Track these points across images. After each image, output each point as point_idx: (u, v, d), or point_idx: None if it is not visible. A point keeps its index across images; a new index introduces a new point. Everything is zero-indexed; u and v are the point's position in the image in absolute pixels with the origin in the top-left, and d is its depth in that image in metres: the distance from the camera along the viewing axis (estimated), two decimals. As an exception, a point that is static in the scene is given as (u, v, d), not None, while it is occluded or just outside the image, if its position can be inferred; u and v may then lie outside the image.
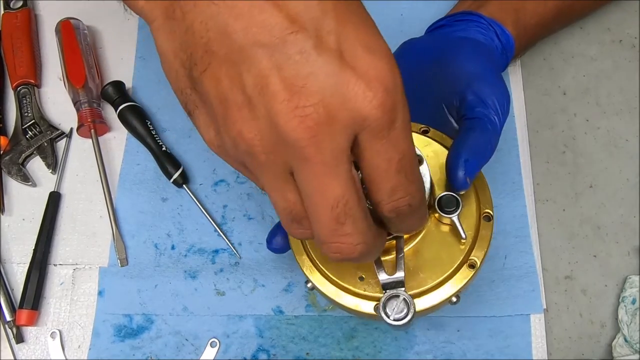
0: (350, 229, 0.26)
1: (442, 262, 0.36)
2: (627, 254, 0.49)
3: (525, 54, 0.55)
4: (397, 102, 0.25)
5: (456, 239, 0.36)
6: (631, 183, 0.51)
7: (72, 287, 0.49)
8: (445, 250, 0.36)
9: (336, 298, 0.36)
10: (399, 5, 0.58)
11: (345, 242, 0.27)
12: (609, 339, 0.46)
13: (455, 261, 0.36)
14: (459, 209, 0.36)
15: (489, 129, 0.38)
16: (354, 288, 0.36)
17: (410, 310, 0.33)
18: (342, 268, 0.36)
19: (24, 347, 0.47)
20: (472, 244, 0.36)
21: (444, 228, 0.37)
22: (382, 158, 0.26)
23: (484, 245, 0.36)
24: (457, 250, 0.36)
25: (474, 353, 0.46)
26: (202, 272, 0.49)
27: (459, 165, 0.36)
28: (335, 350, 0.46)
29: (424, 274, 0.36)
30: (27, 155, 0.52)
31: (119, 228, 0.50)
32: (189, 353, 0.47)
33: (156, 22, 0.28)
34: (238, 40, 0.24)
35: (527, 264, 0.48)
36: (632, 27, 0.57)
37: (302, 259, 0.38)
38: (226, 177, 0.52)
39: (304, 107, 0.24)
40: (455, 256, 0.36)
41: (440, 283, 0.35)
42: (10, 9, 0.57)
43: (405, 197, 0.27)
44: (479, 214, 0.37)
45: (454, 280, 0.36)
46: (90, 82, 0.53)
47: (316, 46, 0.24)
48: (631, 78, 0.55)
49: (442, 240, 0.37)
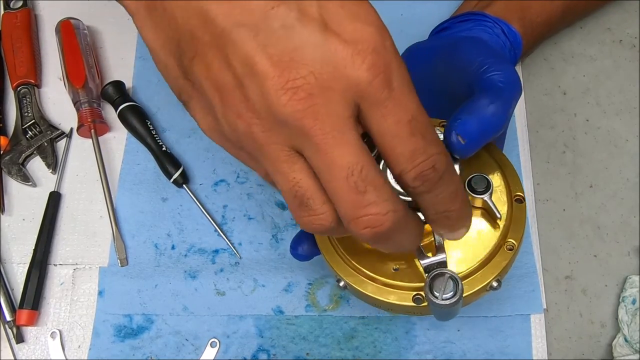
0: (374, 196, 0.25)
1: (478, 247, 0.35)
2: (627, 254, 0.49)
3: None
4: (390, 61, 0.24)
5: (490, 223, 0.35)
6: (631, 183, 0.51)
7: (72, 287, 0.49)
8: (479, 235, 0.35)
9: (375, 295, 0.34)
10: (399, 5, 0.58)
11: (373, 213, 0.25)
12: (609, 339, 0.46)
13: (491, 245, 0.34)
14: (490, 188, 0.34)
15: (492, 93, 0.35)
16: (392, 281, 0.34)
17: (458, 287, 0.31)
18: (374, 262, 0.35)
19: (24, 347, 0.47)
20: (506, 228, 0.35)
21: (477, 213, 0.36)
22: (389, 122, 0.25)
23: (520, 227, 0.35)
24: (492, 234, 0.35)
25: (474, 353, 0.46)
26: (202, 272, 0.49)
27: (453, 125, 0.33)
28: (335, 350, 0.46)
29: (459, 259, 0.34)
30: (27, 155, 0.52)
31: (119, 228, 0.50)
32: (189, 353, 0.47)
33: (139, 15, 0.28)
34: (221, 23, 0.24)
35: (527, 264, 0.48)
36: (632, 27, 0.57)
37: (332, 258, 0.36)
38: (226, 177, 0.52)
39: (294, 80, 0.23)
40: (491, 240, 0.35)
41: (478, 268, 0.34)
42: (10, 9, 0.57)
43: (428, 160, 0.26)
44: (510, 198, 0.36)
45: (492, 264, 0.34)
46: (90, 82, 0.53)
47: (299, 18, 0.24)
48: (631, 78, 0.55)
49: (475, 224, 0.35)
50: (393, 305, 0.35)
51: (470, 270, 0.34)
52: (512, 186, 0.36)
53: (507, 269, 0.35)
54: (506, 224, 0.35)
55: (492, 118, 0.34)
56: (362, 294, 0.35)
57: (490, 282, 0.34)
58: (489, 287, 0.34)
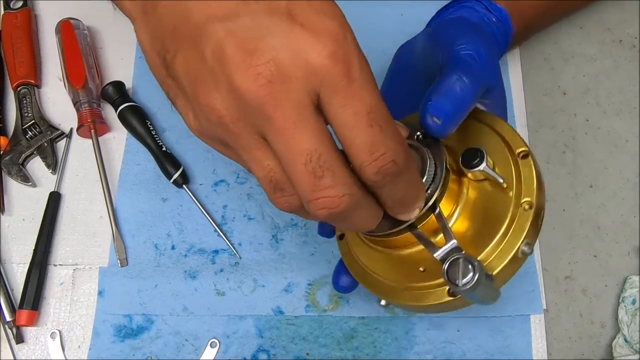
0: (330, 181, 0.26)
1: (495, 218, 0.33)
2: (627, 254, 0.49)
3: (526, 53, 0.55)
4: (350, 52, 0.25)
5: (499, 190, 0.34)
6: (631, 183, 0.51)
7: (72, 287, 0.49)
8: (493, 205, 0.34)
9: (415, 302, 0.34)
10: (398, 5, 0.58)
11: (328, 196, 0.26)
12: (609, 339, 0.46)
13: (507, 211, 0.33)
14: (484, 158, 0.33)
15: (459, 68, 0.35)
16: (423, 282, 0.34)
17: (475, 266, 0.30)
18: (403, 273, 0.35)
19: (24, 347, 0.47)
20: (518, 189, 0.33)
21: (484, 185, 0.35)
22: (348, 113, 0.25)
23: (531, 183, 0.33)
24: (505, 199, 0.33)
25: (474, 353, 0.46)
26: (202, 272, 0.49)
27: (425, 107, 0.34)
28: (335, 350, 0.46)
29: (480, 237, 0.33)
30: (27, 155, 0.52)
31: (119, 228, 0.50)
32: (189, 353, 0.47)
33: (136, 18, 0.29)
34: (196, 19, 0.26)
35: (527, 264, 0.48)
36: (632, 27, 0.57)
37: (368, 282, 0.37)
38: (226, 177, 0.52)
39: (256, 65, 0.24)
40: (505, 206, 0.33)
41: (502, 238, 0.33)
42: (10, 9, 0.57)
43: (387, 153, 0.26)
44: (513, 156, 0.35)
45: (515, 230, 0.33)
46: (90, 82, 0.53)
47: (267, 11, 0.25)
48: (631, 78, 0.55)
49: (485, 199, 0.34)
50: (435, 307, 0.34)
51: (495, 243, 0.33)
52: (513, 144, 0.35)
53: (535, 230, 0.33)
54: (516, 184, 0.34)
55: (462, 93, 0.34)
56: (405, 306, 0.35)
57: (520, 248, 0.32)
58: (520, 253, 0.33)
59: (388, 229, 0.33)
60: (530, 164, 0.34)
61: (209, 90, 0.26)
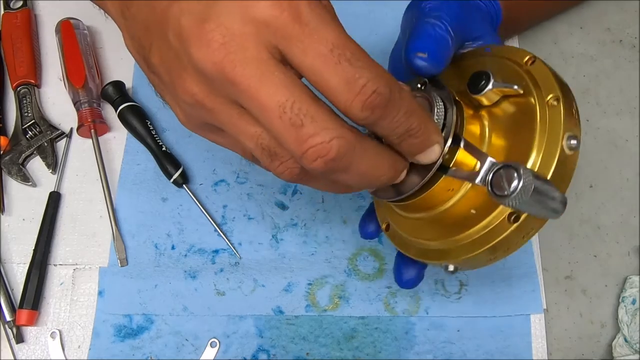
0: (312, 127, 0.25)
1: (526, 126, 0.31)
2: (627, 254, 0.49)
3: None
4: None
5: (521, 103, 0.32)
6: (631, 183, 0.51)
7: (72, 287, 0.49)
8: (520, 120, 0.32)
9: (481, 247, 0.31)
10: (399, 5, 0.57)
11: (316, 143, 0.25)
12: (609, 339, 0.46)
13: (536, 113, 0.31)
14: (490, 77, 0.31)
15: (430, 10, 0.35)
16: (480, 224, 0.31)
17: (519, 170, 0.27)
18: (454, 226, 0.33)
19: (24, 347, 0.47)
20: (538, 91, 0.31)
21: (503, 108, 0.33)
22: (311, 57, 0.25)
23: (550, 80, 0.31)
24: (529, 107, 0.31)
25: (474, 353, 0.46)
26: (202, 272, 0.49)
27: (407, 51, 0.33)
28: (335, 350, 0.46)
29: (519, 150, 0.31)
30: (27, 155, 0.52)
31: (119, 228, 0.50)
32: (189, 353, 0.47)
33: (120, 25, 0.30)
34: (159, 8, 0.26)
35: (527, 264, 0.48)
36: (632, 27, 0.57)
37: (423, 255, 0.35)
38: (226, 177, 0.52)
39: (207, 33, 0.24)
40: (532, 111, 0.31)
41: (541, 140, 0.31)
42: (10, 9, 0.57)
43: (367, 85, 0.25)
44: (521, 68, 0.33)
45: (551, 126, 0.30)
46: (90, 82, 0.53)
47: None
48: (631, 78, 0.55)
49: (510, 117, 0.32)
50: (502, 242, 0.31)
51: (535, 149, 0.31)
52: (517, 57, 0.34)
53: (572, 120, 0.31)
54: (534, 88, 0.32)
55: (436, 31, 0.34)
56: (472, 260, 0.32)
57: (564, 143, 0.30)
58: (567, 149, 0.30)
59: (419, 181, 0.32)
60: (542, 66, 0.33)
61: (180, 74, 0.26)
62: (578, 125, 0.31)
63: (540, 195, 0.27)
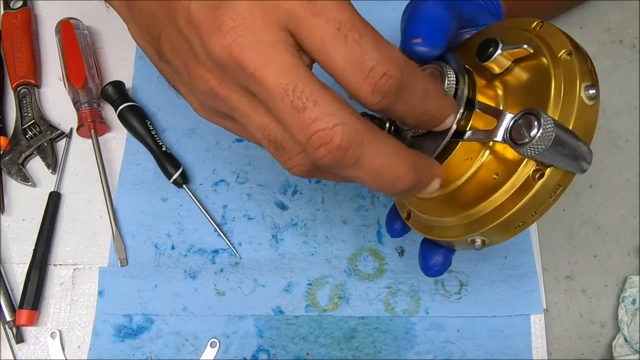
0: (315, 111, 0.24)
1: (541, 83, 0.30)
2: (627, 254, 0.49)
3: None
4: None
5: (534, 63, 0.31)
6: (631, 183, 0.51)
7: (72, 287, 0.49)
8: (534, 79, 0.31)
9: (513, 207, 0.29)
10: (399, 5, 0.57)
11: (318, 129, 0.24)
12: (609, 339, 0.46)
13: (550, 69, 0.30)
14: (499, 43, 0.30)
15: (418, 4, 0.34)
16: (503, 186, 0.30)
17: (540, 115, 0.26)
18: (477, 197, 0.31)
19: (24, 347, 0.47)
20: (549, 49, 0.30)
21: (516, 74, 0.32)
22: (317, 37, 0.24)
23: (560, 38, 0.30)
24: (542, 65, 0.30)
25: (474, 353, 0.46)
26: (202, 272, 0.49)
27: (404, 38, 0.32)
28: (335, 350, 0.46)
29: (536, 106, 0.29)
30: (27, 155, 0.52)
31: (119, 228, 0.50)
32: (189, 353, 0.47)
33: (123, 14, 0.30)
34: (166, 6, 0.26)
35: (527, 264, 0.48)
36: (632, 27, 0.57)
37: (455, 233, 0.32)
38: (226, 177, 0.52)
39: (218, 18, 0.24)
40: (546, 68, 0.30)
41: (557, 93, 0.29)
42: (10, 9, 0.57)
43: (376, 67, 0.24)
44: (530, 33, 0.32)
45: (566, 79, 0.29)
46: (90, 82, 0.53)
47: None
48: (631, 78, 0.55)
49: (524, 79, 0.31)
50: (529, 203, 0.29)
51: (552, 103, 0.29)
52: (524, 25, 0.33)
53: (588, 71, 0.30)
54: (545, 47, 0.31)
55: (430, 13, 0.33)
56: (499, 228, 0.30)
57: (582, 93, 0.29)
58: (586, 99, 0.29)
59: (436, 148, 0.31)
60: (551, 26, 0.31)
61: (192, 61, 0.26)
62: (595, 75, 0.30)
63: (562, 143, 0.26)
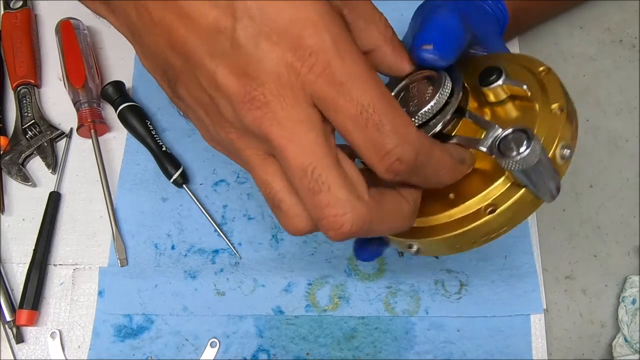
0: (327, 197, 0.25)
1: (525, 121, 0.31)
2: (627, 254, 0.49)
3: (526, 53, 0.55)
4: (331, 58, 0.24)
5: (527, 106, 0.32)
6: (631, 183, 0.51)
7: (72, 287, 0.49)
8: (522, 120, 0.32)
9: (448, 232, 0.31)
10: (399, 5, 0.58)
11: (331, 214, 0.25)
12: (609, 339, 0.46)
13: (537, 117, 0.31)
14: (502, 73, 0.32)
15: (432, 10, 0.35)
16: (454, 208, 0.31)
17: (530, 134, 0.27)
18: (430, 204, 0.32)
19: (24, 347, 0.47)
20: (544, 98, 0.32)
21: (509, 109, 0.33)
22: (341, 118, 0.25)
23: (558, 90, 0.32)
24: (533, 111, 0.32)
25: (474, 353, 0.46)
26: (202, 272, 0.49)
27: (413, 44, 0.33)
28: (335, 350, 0.46)
29: None
30: (27, 155, 0.52)
31: (119, 228, 0.50)
32: (189, 353, 0.47)
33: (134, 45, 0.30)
34: (184, 50, 0.26)
35: (527, 264, 0.48)
36: (632, 27, 0.57)
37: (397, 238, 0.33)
38: (226, 177, 0.52)
39: (250, 92, 0.25)
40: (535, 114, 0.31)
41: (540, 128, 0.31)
42: (10, 9, 0.57)
43: (392, 152, 0.25)
44: (534, 75, 0.33)
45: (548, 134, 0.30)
46: (90, 82, 0.53)
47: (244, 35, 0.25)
48: (631, 78, 0.55)
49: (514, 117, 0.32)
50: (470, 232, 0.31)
51: None
52: (532, 66, 0.34)
53: (570, 132, 0.31)
54: (542, 94, 0.32)
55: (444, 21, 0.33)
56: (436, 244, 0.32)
57: (557, 152, 0.30)
58: (558, 158, 0.31)
59: None
60: (555, 77, 0.33)
61: (216, 114, 0.27)
62: (575, 139, 0.32)
63: (542, 167, 0.28)
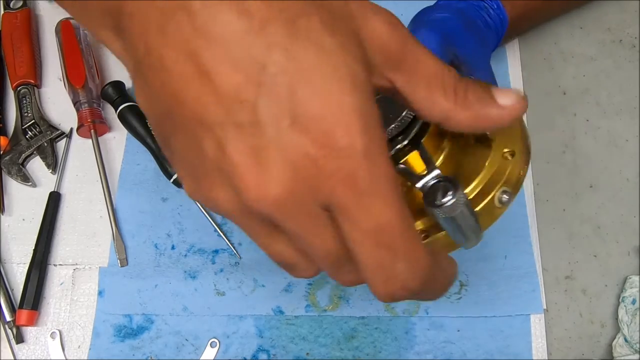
0: (347, 272, 0.25)
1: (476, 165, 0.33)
2: (627, 254, 0.49)
3: (526, 53, 0.55)
4: (357, 165, 0.22)
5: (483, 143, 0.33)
6: (631, 183, 0.51)
7: (72, 287, 0.49)
8: (474, 155, 0.33)
9: None
10: (398, 5, 0.57)
11: (347, 281, 0.26)
12: (609, 339, 0.46)
13: (488, 157, 0.33)
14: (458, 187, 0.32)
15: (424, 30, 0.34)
16: None
17: (457, 186, 0.28)
18: None
19: (24, 347, 0.47)
20: (500, 140, 0.33)
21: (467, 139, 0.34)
22: (355, 231, 0.23)
23: (515, 135, 0.33)
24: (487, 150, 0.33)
25: (474, 353, 0.46)
26: (202, 272, 0.49)
27: None
28: (335, 350, 0.46)
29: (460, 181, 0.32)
30: (27, 155, 0.52)
31: (119, 228, 0.50)
32: (189, 353, 0.47)
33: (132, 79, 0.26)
34: (192, 108, 0.22)
35: (527, 264, 0.48)
36: (632, 27, 0.57)
37: None
38: (226, 177, 0.52)
39: (265, 182, 0.22)
40: (487, 155, 0.33)
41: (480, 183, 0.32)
42: (10, 9, 0.57)
43: (397, 278, 0.24)
44: None
45: (494, 176, 0.32)
46: (90, 82, 0.53)
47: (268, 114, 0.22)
48: (631, 78, 0.55)
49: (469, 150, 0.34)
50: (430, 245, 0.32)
51: (472, 188, 0.32)
52: None
53: (514, 179, 0.32)
54: (498, 135, 0.33)
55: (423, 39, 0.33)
56: None
57: (497, 195, 0.32)
58: (497, 201, 0.32)
59: None
60: (517, 122, 0.33)
61: (212, 184, 0.24)
62: (518, 187, 0.33)
63: (461, 220, 0.29)
